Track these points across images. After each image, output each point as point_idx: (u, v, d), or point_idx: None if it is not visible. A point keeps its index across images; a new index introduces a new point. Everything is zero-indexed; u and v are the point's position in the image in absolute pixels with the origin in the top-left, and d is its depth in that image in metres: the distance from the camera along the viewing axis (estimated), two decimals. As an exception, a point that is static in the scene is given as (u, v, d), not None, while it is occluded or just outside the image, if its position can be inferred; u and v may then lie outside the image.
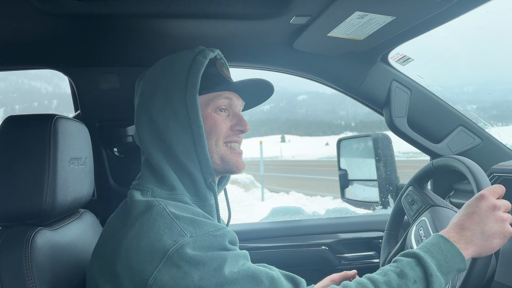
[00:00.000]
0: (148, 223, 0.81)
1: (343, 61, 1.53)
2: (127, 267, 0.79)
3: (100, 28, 1.28)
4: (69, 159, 1.06)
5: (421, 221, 1.28)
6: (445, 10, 1.07)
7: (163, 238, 0.78)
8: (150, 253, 0.78)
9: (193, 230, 0.80)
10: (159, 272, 0.76)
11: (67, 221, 1.12)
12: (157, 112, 0.94)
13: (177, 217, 0.82)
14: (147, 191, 0.92)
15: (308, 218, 1.96)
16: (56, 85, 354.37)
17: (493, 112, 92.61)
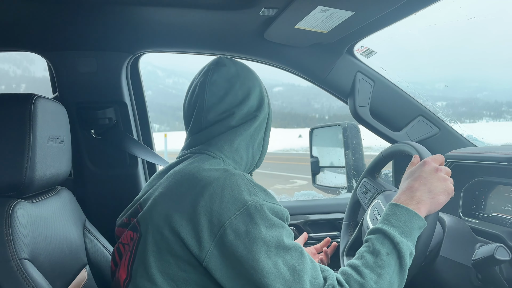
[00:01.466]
0: (232, 180, 0.92)
1: (311, 52, 1.61)
2: (208, 209, 0.89)
3: (78, 12, 1.33)
4: (48, 137, 1.12)
5: (375, 203, 1.37)
6: (401, 6, 1.16)
7: (243, 194, 0.90)
8: (232, 202, 0.89)
9: (265, 197, 0.93)
10: (236, 218, 0.87)
11: (45, 196, 1.18)
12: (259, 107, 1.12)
13: (254, 183, 0.95)
14: (219, 158, 1.04)
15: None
16: (26, 68, 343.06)
17: (462, 109, 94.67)
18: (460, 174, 1.51)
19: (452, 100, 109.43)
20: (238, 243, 0.86)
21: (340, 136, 2.10)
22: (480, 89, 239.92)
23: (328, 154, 2.31)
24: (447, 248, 1.18)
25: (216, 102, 1.07)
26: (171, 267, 0.91)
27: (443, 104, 3.60)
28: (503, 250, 1.08)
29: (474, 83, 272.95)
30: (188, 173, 0.98)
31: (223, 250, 0.87)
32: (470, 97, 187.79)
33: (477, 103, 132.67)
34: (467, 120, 42.08)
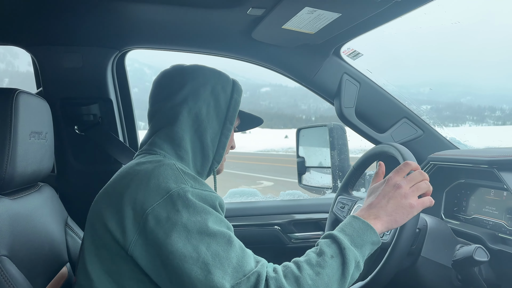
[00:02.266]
0: (161, 169, 0.94)
1: (298, 53, 1.62)
2: (133, 199, 0.90)
3: (64, 7, 1.31)
4: (30, 133, 1.10)
5: (355, 209, 1.37)
6: (387, 9, 1.17)
7: (169, 182, 0.91)
8: (156, 190, 0.90)
9: (194, 184, 0.94)
10: (158, 205, 0.88)
11: (26, 192, 1.17)
12: (203, 99, 1.10)
13: (183, 172, 0.96)
14: (159, 154, 1.04)
15: (263, 200, 2.07)
16: (9, 62, 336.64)
17: (446, 113, 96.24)
18: (443, 176, 1.53)
19: (437, 104, 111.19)
20: (159, 230, 0.87)
21: (326, 136, 2.12)
22: (463, 93, 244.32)
23: (314, 154, 2.32)
24: (428, 249, 1.20)
25: (151, 98, 1.13)
26: (106, 262, 0.93)
27: (428, 107, 3.67)
28: (482, 251, 1.10)
29: (458, 88, 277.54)
30: (123, 170, 1.02)
31: (146, 238, 0.88)
32: (454, 101, 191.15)
33: (460, 107, 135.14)
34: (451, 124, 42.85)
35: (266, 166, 17.44)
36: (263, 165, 17.76)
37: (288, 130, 53.37)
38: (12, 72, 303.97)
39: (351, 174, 1.50)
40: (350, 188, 1.52)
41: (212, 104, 1.10)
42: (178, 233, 0.86)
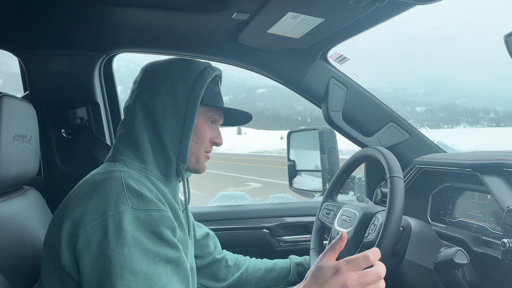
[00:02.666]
0: (105, 184, 0.91)
1: (285, 57, 1.63)
2: (72, 215, 0.89)
3: (51, 10, 1.32)
4: (13, 136, 1.10)
5: (342, 211, 1.38)
6: (370, 14, 1.18)
7: (109, 201, 0.87)
8: (94, 210, 0.87)
9: (137, 203, 0.89)
10: (92, 227, 0.86)
11: (10, 196, 1.16)
12: (160, 97, 1.04)
13: (128, 187, 0.91)
14: (119, 161, 1.02)
15: (252, 203, 2.07)
16: (3, 63, 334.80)
17: (440, 114, 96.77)
18: (429, 180, 1.54)
19: (432, 105, 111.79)
20: (86, 254, 0.85)
21: (316, 140, 2.13)
22: (458, 95, 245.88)
23: (305, 158, 2.33)
24: (413, 252, 1.20)
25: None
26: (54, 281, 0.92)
27: (423, 109, 3.70)
28: (462, 254, 1.11)
29: (453, 90, 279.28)
30: (81, 181, 1.01)
31: (77, 259, 0.86)
32: (448, 103, 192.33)
33: (455, 109, 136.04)
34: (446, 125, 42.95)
35: (256, 167, 17.46)
36: (253, 167, 17.78)
37: (284, 131, 53.53)
38: (6, 73, 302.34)
39: (336, 180, 1.51)
40: (335, 194, 1.53)
41: (170, 101, 1.04)
42: (101, 263, 0.83)
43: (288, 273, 1.45)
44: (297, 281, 1.44)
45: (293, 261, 1.49)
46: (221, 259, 1.42)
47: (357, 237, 1.24)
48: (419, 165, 1.56)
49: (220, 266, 1.41)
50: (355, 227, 1.26)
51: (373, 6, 1.06)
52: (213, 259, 1.40)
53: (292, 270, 1.45)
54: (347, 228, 1.28)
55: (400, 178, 1.15)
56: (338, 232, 1.31)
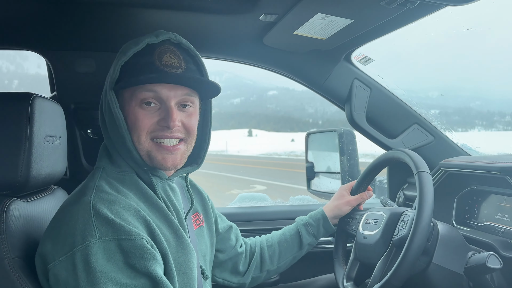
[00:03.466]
0: (73, 212, 0.89)
1: (309, 58, 1.63)
2: (44, 246, 0.89)
3: (78, 13, 1.33)
4: (44, 136, 1.12)
5: (366, 215, 1.37)
6: (399, 15, 1.17)
7: (76, 233, 0.84)
8: (62, 243, 0.85)
9: (105, 232, 0.84)
10: (60, 262, 0.84)
11: (40, 195, 1.18)
12: (102, 100, 1.02)
13: (97, 215, 0.86)
14: (99, 169, 1.01)
15: (272, 205, 2.07)
16: (19, 64, 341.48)
17: (454, 117, 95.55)
18: (454, 183, 1.52)
19: (445, 108, 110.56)
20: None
21: (335, 141, 2.11)
22: (473, 98, 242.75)
23: (323, 159, 2.32)
24: (440, 256, 1.19)
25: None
26: None
27: (436, 112, 3.68)
28: (495, 259, 1.09)
29: (467, 92, 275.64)
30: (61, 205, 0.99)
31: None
32: (463, 106, 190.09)
33: (470, 112, 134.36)
34: (460, 128, 42.26)
35: (264, 169, 17.46)
36: (260, 169, 17.78)
37: (295, 133, 53.43)
38: (21, 74, 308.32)
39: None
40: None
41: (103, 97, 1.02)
42: None
43: (299, 236, 1.43)
44: (310, 242, 1.43)
45: (300, 223, 1.46)
46: (242, 252, 1.40)
47: (386, 236, 1.24)
48: (444, 168, 1.55)
49: (240, 259, 1.38)
50: (383, 227, 1.25)
51: (404, 8, 1.06)
52: (235, 252, 1.37)
53: (302, 233, 1.43)
54: (374, 230, 1.27)
55: (427, 172, 1.16)
56: (365, 236, 1.31)
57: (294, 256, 1.43)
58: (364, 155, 2.14)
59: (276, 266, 1.41)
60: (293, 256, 1.43)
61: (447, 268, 1.18)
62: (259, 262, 1.40)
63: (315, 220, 1.46)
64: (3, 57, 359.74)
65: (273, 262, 1.41)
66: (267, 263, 1.40)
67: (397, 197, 1.82)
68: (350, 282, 1.34)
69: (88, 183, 0.98)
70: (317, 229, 1.44)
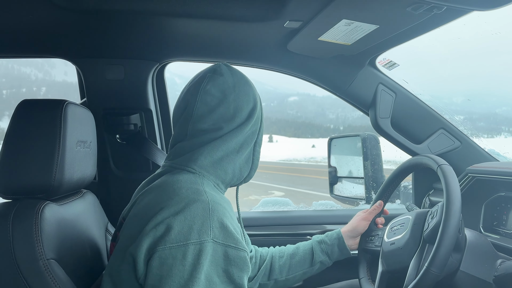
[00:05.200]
0: (192, 207, 0.90)
1: (333, 63, 1.63)
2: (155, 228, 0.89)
3: (108, 22, 1.38)
4: (76, 142, 1.16)
5: (388, 228, 1.36)
6: (425, 20, 1.17)
7: (193, 227, 0.87)
8: (176, 231, 0.87)
9: (218, 235, 0.88)
10: (170, 249, 0.86)
11: (71, 199, 1.22)
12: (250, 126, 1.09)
13: (213, 216, 0.90)
14: (198, 174, 1.02)
15: (295, 209, 2.07)
16: (47, 72, 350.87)
17: (480, 123, 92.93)
18: (482, 189, 1.49)
19: (471, 114, 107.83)
20: (158, 272, 0.85)
21: (358, 146, 2.10)
22: (499, 104, 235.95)
23: (346, 164, 2.30)
24: (468, 263, 1.17)
25: (206, 113, 1.03)
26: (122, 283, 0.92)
27: (461, 118, 3.60)
28: None
29: (493, 98, 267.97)
30: (160, 193, 0.97)
31: (149, 275, 0.86)
32: (488, 111, 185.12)
33: (496, 118, 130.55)
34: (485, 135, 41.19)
35: (283, 175, 17.37)
36: (279, 175, 17.69)
37: (316, 139, 52.90)
38: (49, 81, 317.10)
39: (385, 188, 1.50)
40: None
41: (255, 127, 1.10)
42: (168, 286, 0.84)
43: (312, 253, 1.41)
44: (323, 260, 1.40)
45: (315, 240, 1.45)
46: (251, 258, 1.39)
47: (415, 235, 1.22)
48: (471, 173, 1.52)
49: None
50: (411, 227, 1.24)
51: (430, 13, 1.05)
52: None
53: (315, 249, 1.41)
54: (401, 234, 1.26)
55: (448, 165, 1.18)
56: (392, 242, 1.28)
57: (305, 272, 1.41)
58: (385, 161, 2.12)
59: (285, 277, 1.40)
60: (304, 272, 1.41)
61: (476, 276, 1.16)
62: (268, 270, 1.40)
63: (330, 239, 1.44)
64: (32, 64, 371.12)
65: (282, 273, 1.40)
66: (276, 273, 1.40)
67: (423, 203, 1.80)
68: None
69: (190, 184, 0.97)
70: (331, 248, 1.42)
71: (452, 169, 1.17)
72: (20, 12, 1.28)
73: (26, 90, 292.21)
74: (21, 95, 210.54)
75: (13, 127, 1.07)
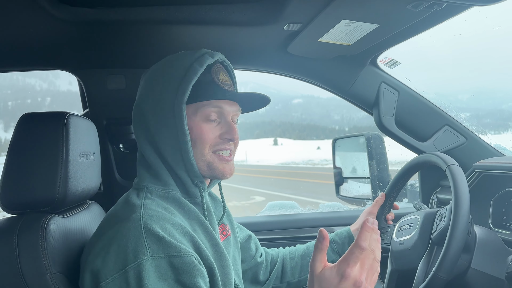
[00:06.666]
0: (124, 230, 0.89)
1: (334, 64, 1.62)
2: (93, 263, 0.89)
3: (108, 32, 1.38)
4: (79, 153, 1.15)
5: (397, 227, 1.35)
6: (425, 18, 1.16)
7: (128, 251, 0.85)
8: (114, 260, 0.86)
9: (156, 249, 0.86)
10: (113, 280, 0.84)
11: (77, 211, 1.22)
12: (150, 112, 1.02)
13: (147, 232, 0.87)
14: (142, 189, 1.01)
15: (302, 212, 2.06)
16: (51, 82, 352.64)
17: (486, 120, 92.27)
18: (489, 185, 1.48)
19: (476, 111, 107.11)
20: None
21: (363, 146, 2.09)
22: (505, 100, 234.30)
23: (351, 164, 2.29)
24: (479, 260, 1.16)
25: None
26: None
27: (467, 115, 3.53)
28: None
29: (499, 94, 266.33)
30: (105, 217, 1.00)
31: None
32: (494, 108, 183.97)
33: (502, 114, 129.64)
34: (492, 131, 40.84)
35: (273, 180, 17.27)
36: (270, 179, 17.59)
37: (321, 141, 52.71)
38: (54, 91, 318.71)
39: (392, 186, 1.49)
40: (384, 215, 1.50)
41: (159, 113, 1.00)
42: None
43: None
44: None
45: None
46: (262, 262, 1.38)
47: (424, 236, 1.21)
48: (478, 169, 1.51)
49: (260, 268, 1.37)
50: (419, 228, 1.23)
51: (431, 10, 1.04)
52: (255, 262, 1.36)
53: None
54: (410, 234, 1.25)
55: (457, 165, 1.17)
56: (401, 242, 1.28)
57: None
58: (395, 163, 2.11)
59: (297, 279, 1.39)
60: None
61: (487, 273, 1.15)
62: (280, 273, 1.39)
63: (340, 238, 1.44)
64: (36, 75, 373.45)
65: (294, 275, 1.39)
66: (288, 275, 1.39)
67: (430, 201, 1.78)
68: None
69: (132, 201, 0.98)
70: (342, 247, 1.42)
71: (461, 170, 1.16)
72: (20, 25, 1.28)
73: (31, 101, 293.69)
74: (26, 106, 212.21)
75: (16, 141, 1.07)
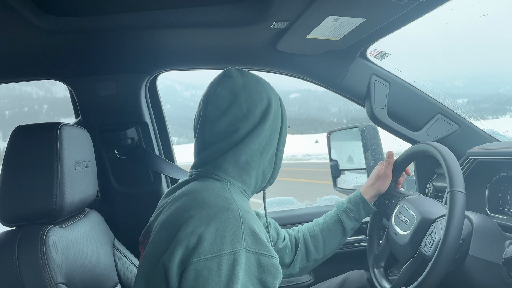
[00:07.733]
0: (223, 216, 0.88)
1: (324, 59, 1.62)
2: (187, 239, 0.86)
3: (95, 40, 1.37)
4: (74, 163, 1.16)
5: (398, 208, 1.36)
6: (411, 9, 1.16)
7: (226, 237, 0.86)
8: (210, 242, 0.85)
9: (250, 243, 0.87)
10: (205, 261, 0.84)
11: (75, 219, 1.22)
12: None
13: (244, 224, 0.89)
14: (225, 181, 1.00)
15: (300, 207, 2.07)
16: (48, 89, 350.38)
17: (484, 105, 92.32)
18: (484, 171, 1.49)
19: (473, 96, 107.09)
20: (192, 285, 0.83)
21: (358, 138, 2.10)
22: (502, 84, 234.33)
23: (347, 156, 2.30)
24: (476, 247, 1.17)
25: (219, 115, 1.01)
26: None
27: (464, 101, 3.55)
28: None
29: (495, 79, 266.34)
30: (187, 200, 0.96)
31: (182, 285, 0.85)
32: (492, 92, 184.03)
33: (499, 98, 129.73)
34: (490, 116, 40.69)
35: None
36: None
37: (319, 134, 52.43)
38: (50, 98, 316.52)
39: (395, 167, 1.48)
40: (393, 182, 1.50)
41: (274, 125, 1.06)
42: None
43: (341, 223, 1.42)
44: (354, 226, 1.43)
45: (340, 211, 1.45)
46: (285, 246, 1.38)
47: (414, 243, 1.23)
48: (472, 156, 1.51)
49: (284, 253, 1.38)
50: (412, 232, 1.24)
51: (416, 1, 1.05)
52: (277, 248, 1.36)
53: (343, 220, 1.42)
54: (405, 231, 1.27)
55: (462, 192, 1.11)
56: (396, 232, 1.30)
57: (339, 243, 1.44)
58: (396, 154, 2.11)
59: (322, 254, 1.42)
60: (338, 243, 1.43)
61: (485, 259, 1.16)
62: (304, 253, 1.41)
63: (354, 205, 1.45)
64: (32, 83, 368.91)
65: (319, 251, 1.41)
66: (313, 253, 1.41)
67: (427, 189, 1.79)
68: (379, 269, 1.42)
69: (220, 192, 0.97)
70: (358, 213, 1.44)
71: (463, 200, 1.10)
72: (6, 38, 1.28)
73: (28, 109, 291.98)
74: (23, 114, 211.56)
75: (10, 154, 1.07)
